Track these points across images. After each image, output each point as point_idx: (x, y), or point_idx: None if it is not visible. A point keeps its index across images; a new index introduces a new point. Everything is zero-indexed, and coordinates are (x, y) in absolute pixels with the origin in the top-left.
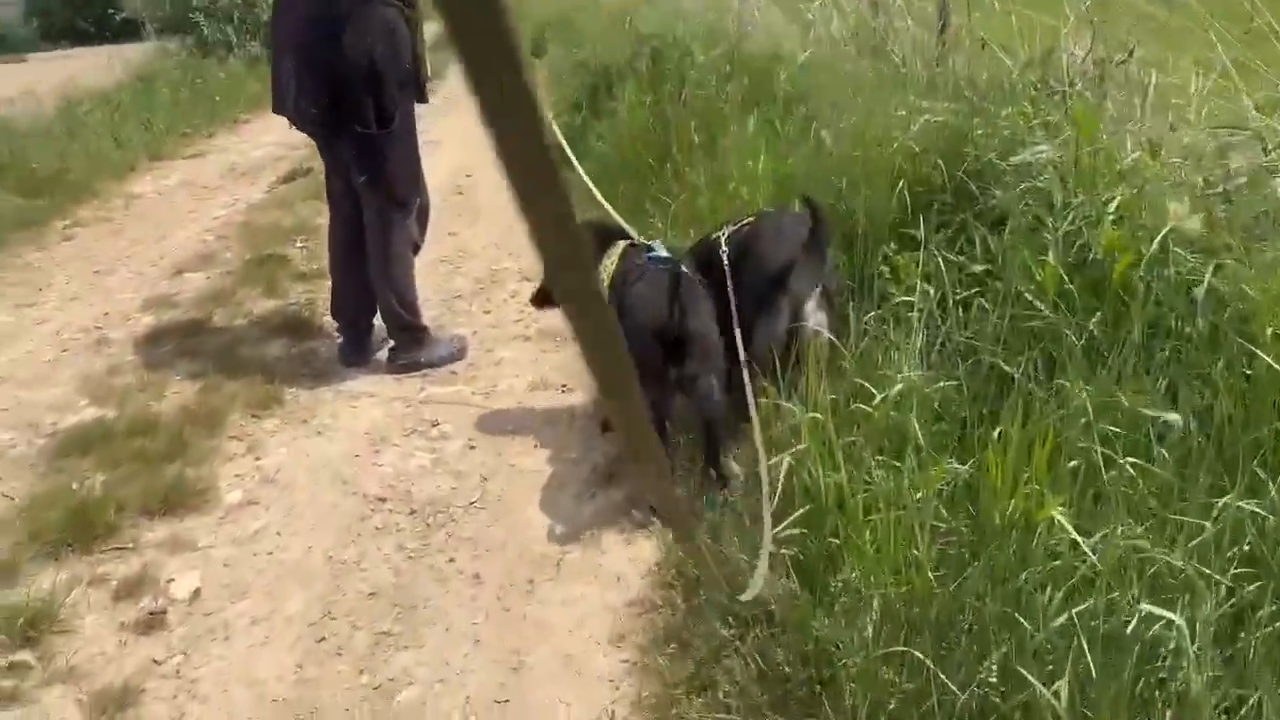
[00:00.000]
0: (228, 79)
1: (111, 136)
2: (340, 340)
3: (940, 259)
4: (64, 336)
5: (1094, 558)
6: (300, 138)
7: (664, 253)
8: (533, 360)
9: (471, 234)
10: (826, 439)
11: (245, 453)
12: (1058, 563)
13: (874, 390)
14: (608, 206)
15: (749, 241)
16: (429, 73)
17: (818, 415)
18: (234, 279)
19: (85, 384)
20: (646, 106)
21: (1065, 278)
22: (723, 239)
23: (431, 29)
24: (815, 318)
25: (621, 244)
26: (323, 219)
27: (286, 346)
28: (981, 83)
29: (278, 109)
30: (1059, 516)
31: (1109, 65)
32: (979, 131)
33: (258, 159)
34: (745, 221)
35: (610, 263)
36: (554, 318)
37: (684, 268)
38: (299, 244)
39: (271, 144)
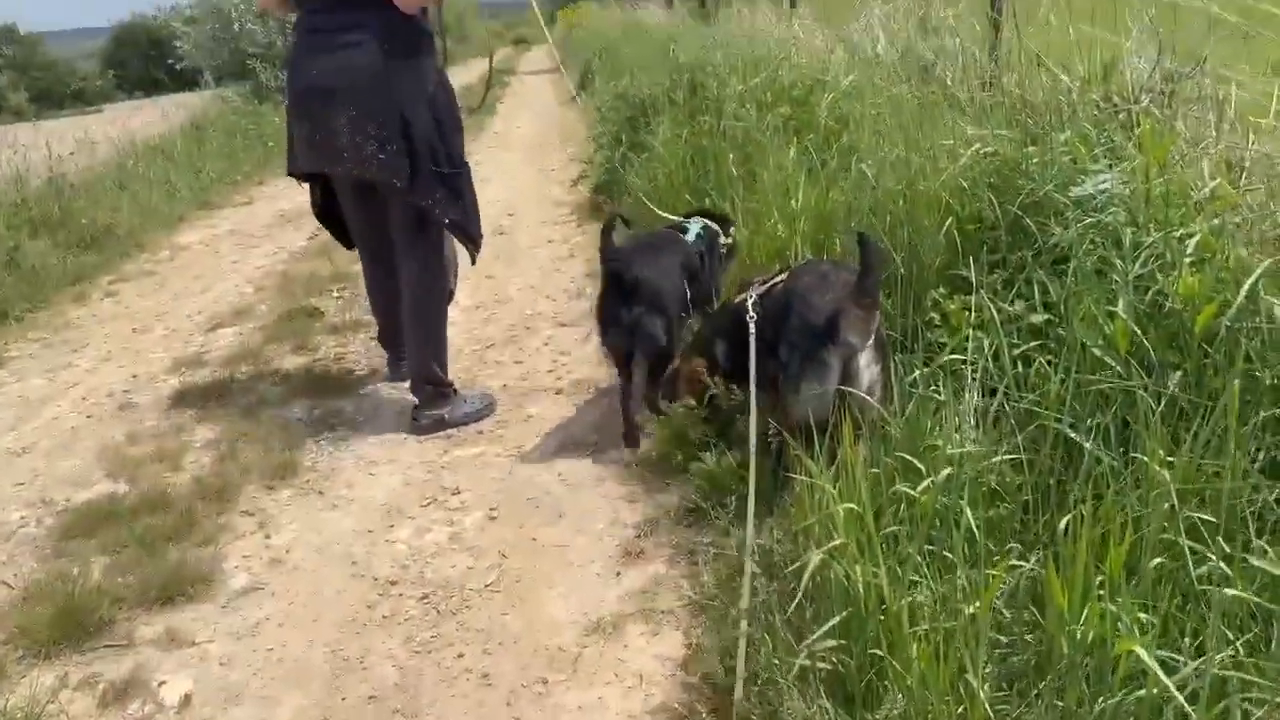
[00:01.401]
0: (282, 123)
1: (162, 187)
2: (390, 360)
3: (994, 308)
4: (90, 402)
5: (1181, 698)
6: None
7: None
8: (563, 416)
9: (509, 277)
10: (866, 530)
11: (255, 529)
12: (1141, 693)
13: (920, 466)
14: None
15: (788, 292)
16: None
17: (853, 505)
18: (265, 334)
19: (103, 454)
20: (683, 140)
21: (1138, 330)
22: (750, 300)
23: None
24: (869, 374)
25: None
26: (359, 265)
27: (310, 407)
28: (1038, 104)
29: (320, 165)
30: (1141, 651)
31: (1178, 78)
32: (1034, 160)
33: (304, 204)
34: (775, 278)
35: None
36: (587, 367)
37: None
38: (335, 293)
39: None
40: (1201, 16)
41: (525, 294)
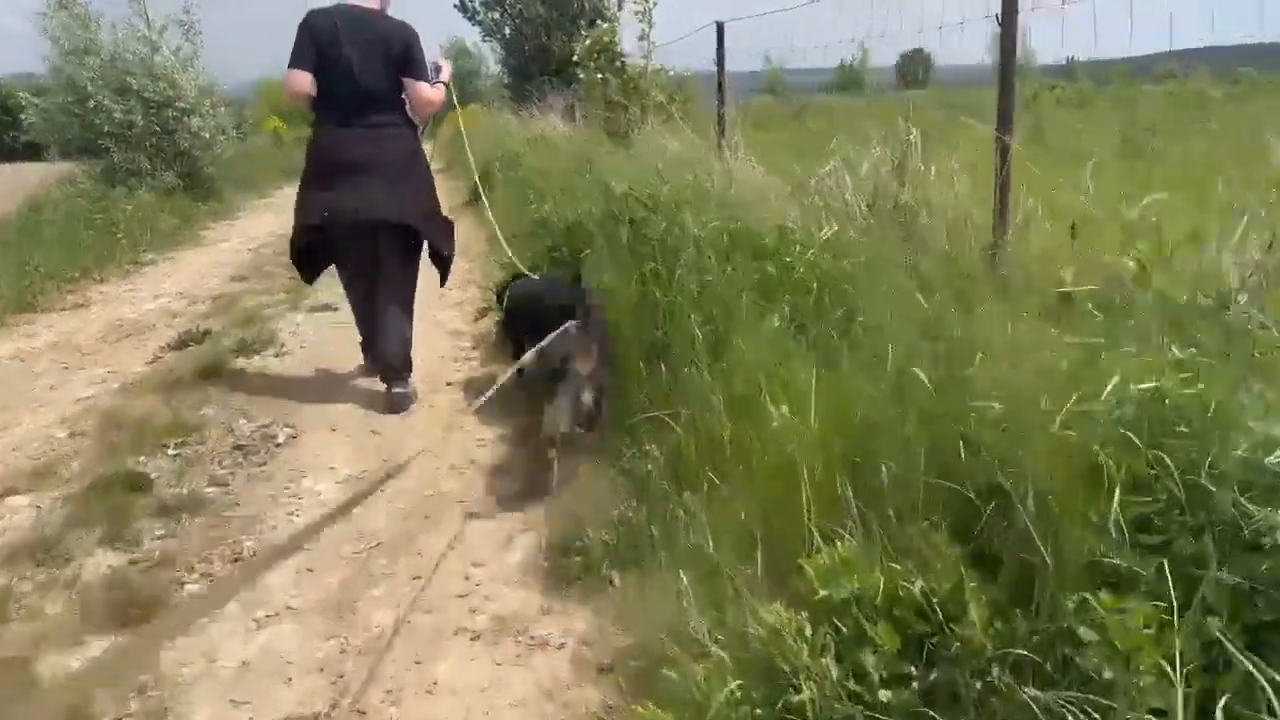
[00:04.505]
0: (135, 211)
1: None
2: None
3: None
4: None
5: None
6: (204, 290)
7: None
8: (484, 686)
9: (401, 434)
10: None
11: None
12: None
13: None
14: None
15: None
16: None
17: None
18: (68, 512)
19: None
20: (631, 285)
21: None
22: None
23: None
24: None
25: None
26: (208, 409)
27: (114, 649)
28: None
29: (353, 214)
30: None
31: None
32: (1185, 391)
33: (150, 314)
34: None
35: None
36: (514, 592)
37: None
38: (171, 450)
39: (171, 295)
40: None
41: (424, 462)
